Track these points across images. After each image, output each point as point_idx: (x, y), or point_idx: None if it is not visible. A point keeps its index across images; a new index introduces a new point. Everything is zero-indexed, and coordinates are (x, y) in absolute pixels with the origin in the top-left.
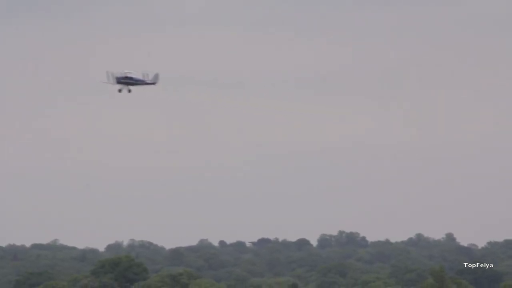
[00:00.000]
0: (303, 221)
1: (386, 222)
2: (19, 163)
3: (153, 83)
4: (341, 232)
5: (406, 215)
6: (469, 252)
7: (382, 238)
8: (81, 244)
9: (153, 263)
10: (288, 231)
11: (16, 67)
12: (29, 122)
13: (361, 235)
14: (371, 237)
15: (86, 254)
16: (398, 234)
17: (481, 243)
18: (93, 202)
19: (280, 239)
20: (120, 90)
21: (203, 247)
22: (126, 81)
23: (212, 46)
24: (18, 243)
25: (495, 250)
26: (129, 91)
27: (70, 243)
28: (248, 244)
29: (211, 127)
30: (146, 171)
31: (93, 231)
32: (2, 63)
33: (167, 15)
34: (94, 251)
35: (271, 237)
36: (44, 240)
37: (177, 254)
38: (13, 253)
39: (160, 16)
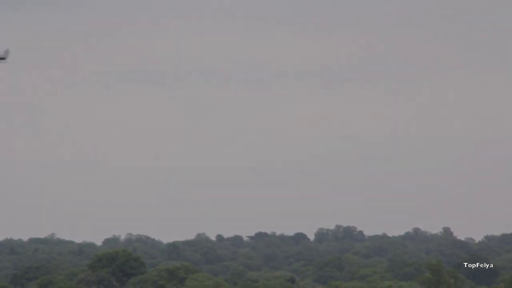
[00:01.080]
0: (300, 215)
1: (383, 216)
2: (18, 159)
3: (3, 58)
4: (338, 226)
5: (403, 210)
6: (466, 246)
7: (379, 232)
8: (78, 238)
9: (151, 257)
10: (285, 225)
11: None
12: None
13: (358, 229)
14: (368, 231)
15: (83, 248)
16: (395, 228)
17: (478, 237)
18: (90, 196)
19: (277, 233)
20: None
21: (200, 241)
22: None
23: (211, 43)
24: (16, 237)
25: (492, 245)
26: None
27: (67, 237)
28: (245, 238)
29: (211, 127)
30: (145, 169)
31: (91, 225)
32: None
33: (166, 13)
34: (91, 245)
35: (268, 231)
36: (42, 234)
37: (174, 248)
38: (10, 247)
39: (159, 15)
